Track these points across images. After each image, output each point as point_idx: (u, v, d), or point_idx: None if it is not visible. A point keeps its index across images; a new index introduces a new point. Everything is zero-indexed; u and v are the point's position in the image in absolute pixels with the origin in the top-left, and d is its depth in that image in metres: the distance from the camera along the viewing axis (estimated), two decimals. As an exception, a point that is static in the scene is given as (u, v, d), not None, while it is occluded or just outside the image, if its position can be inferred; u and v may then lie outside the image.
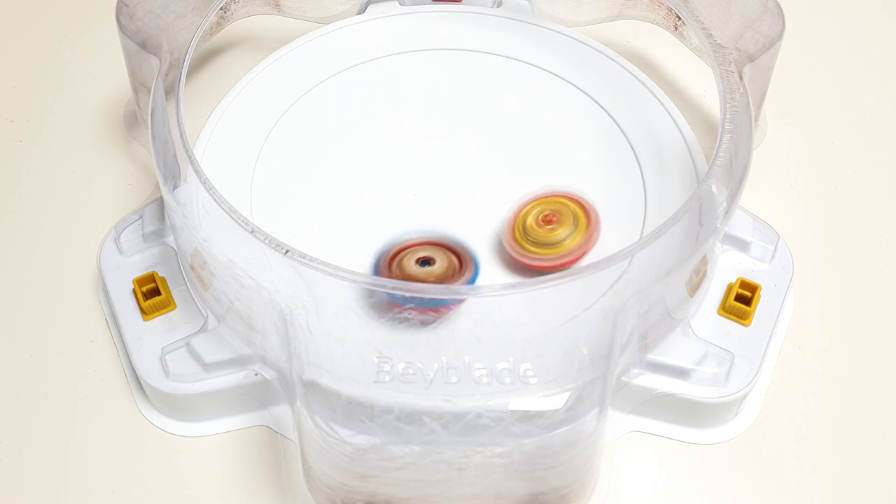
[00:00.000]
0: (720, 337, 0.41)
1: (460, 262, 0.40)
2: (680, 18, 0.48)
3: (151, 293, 0.41)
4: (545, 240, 0.41)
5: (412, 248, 0.41)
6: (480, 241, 0.43)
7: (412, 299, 0.36)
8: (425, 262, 0.40)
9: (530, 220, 0.41)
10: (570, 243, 0.41)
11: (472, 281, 0.40)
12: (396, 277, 0.39)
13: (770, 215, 0.44)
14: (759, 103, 0.45)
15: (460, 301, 0.37)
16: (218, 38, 0.50)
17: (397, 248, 0.41)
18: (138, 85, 0.45)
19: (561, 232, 0.41)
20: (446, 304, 0.38)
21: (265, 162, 0.45)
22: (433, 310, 0.37)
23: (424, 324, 0.37)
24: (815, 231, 0.46)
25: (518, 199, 0.42)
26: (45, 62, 0.53)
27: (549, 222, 0.41)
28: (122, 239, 0.43)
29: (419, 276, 0.40)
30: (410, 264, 0.40)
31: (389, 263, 0.40)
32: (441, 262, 0.40)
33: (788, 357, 0.43)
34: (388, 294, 0.35)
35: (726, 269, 0.42)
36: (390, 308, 0.36)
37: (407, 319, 0.36)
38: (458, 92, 0.48)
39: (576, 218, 0.42)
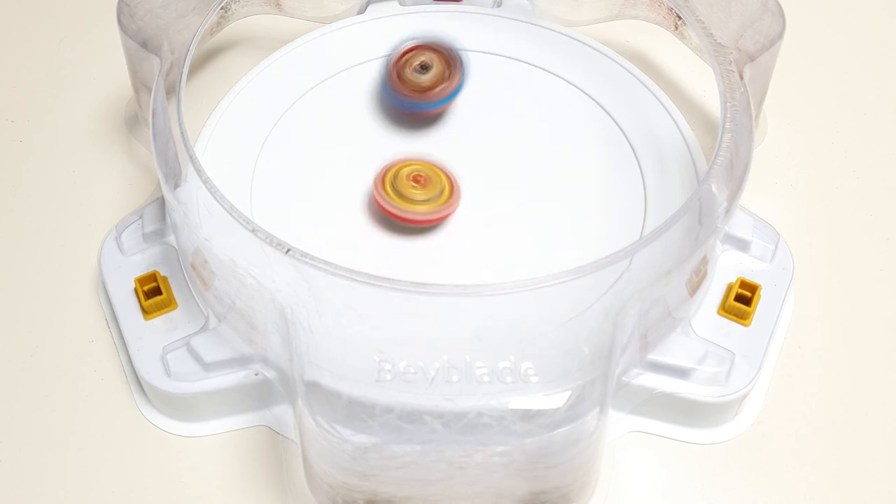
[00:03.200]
0: (720, 337, 0.41)
1: (452, 68, 0.46)
2: (680, 18, 0.48)
3: (152, 292, 0.41)
4: (408, 194, 0.43)
5: (415, 52, 0.46)
6: (480, 240, 0.43)
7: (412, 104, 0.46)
8: (424, 67, 0.46)
9: (402, 174, 0.43)
10: (427, 206, 0.43)
11: (460, 87, 0.46)
12: (403, 81, 0.46)
13: (770, 215, 0.44)
14: (759, 103, 0.45)
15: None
16: (218, 38, 0.50)
17: (402, 50, 0.46)
18: (139, 85, 0.45)
19: (422, 193, 0.43)
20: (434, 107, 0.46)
21: (265, 161, 0.45)
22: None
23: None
24: (815, 231, 0.46)
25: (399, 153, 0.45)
26: (45, 62, 0.53)
27: (418, 182, 0.43)
28: (122, 238, 0.43)
29: (418, 83, 0.46)
30: (409, 71, 0.46)
31: (395, 65, 0.46)
32: (437, 68, 0.46)
33: (788, 357, 0.43)
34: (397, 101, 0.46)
35: (726, 269, 0.42)
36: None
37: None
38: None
39: (442, 188, 0.43)
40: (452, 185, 0.43)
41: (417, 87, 0.46)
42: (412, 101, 0.46)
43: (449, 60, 0.46)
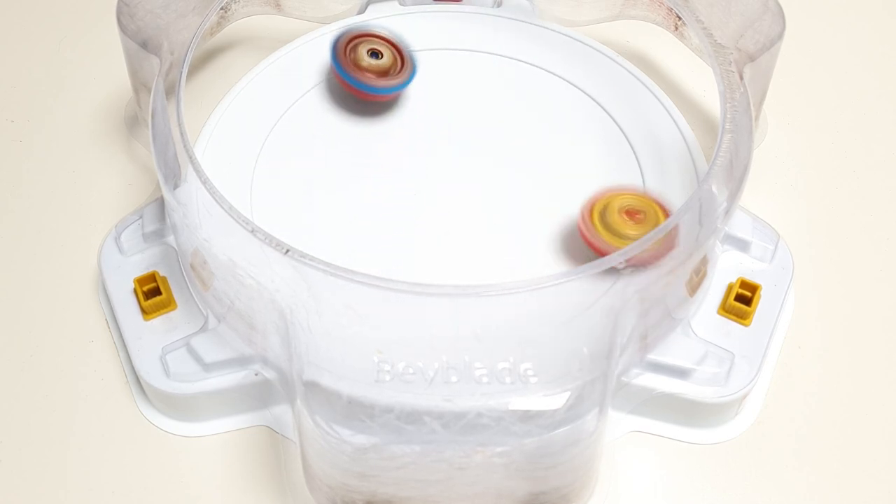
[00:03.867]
0: (720, 337, 0.41)
1: (402, 62, 0.47)
2: (680, 18, 0.48)
3: (152, 293, 0.41)
4: (621, 231, 0.41)
5: (366, 39, 0.47)
6: (480, 240, 0.43)
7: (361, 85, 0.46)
8: (374, 54, 0.46)
9: (613, 207, 0.41)
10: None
11: (410, 78, 0.47)
12: (350, 61, 0.46)
13: (770, 215, 0.44)
14: (759, 103, 0.45)
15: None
16: (218, 38, 0.50)
17: (354, 34, 0.47)
18: (139, 85, 0.45)
19: (638, 230, 0.40)
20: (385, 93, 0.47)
21: (265, 162, 0.45)
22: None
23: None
24: (815, 231, 0.46)
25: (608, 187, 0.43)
26: (45, 62, 0.53)
27: (633, 216, 0.41)
28: (122, 239, 0.43)
29: (367, 66, 0.46)
30: (362, 54, 0.46)
31: (345, 47, 0.47)
32: (387, 58, 0.47)
33: (788, 357, 0.43)
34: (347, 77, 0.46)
35: (726, 269, 0.42)
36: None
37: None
38: (458, 92, 0.48)
39: (657, 223, 0.41)
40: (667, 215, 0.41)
41: (368, 70, 0.46)
42: (360, 80, 0.46)
43: (398, 51, 0.47)
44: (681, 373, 0.39)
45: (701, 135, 0.47)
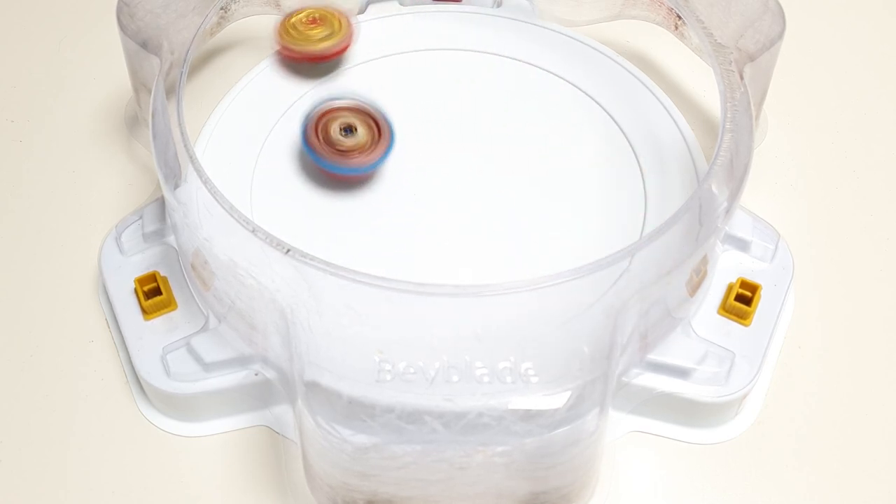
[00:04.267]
0: (720, 336, 0.41)
1: (379, 133, 0.44)
2: (680, 18, 0.48)
3: (152, 293, 0.41)
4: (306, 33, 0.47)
5: (336, 114, 0.44)
6: (480, 240, 0.43)
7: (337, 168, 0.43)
8: (348, 129, 0.44)
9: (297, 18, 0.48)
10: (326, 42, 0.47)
11: (387, 152, 0.44)
12: (322, 142, 0.44)
13: (770, 215, 0.44)
14: (759, 103, 0.45)
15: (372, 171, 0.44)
16: (218, 38, 0.50)
17: (322, 111, 0.44)
18: (139, 85, 0.45)
19: (320, 31, 0.47)
20: (361, 172, 0.44)
21: (265, 161, 0.45)
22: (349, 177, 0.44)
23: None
24: (815, 231, 0.46)
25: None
26: (45, 62, 0.53)
27: (314, 22, 0.47)
28: (122, 239, 0.43)
29: (341, 144, 0.43)
30: (334, 131, 0.44)
31: (315, 125, 0.44)
32: (362, 133, 0.44)
33: (788, 357, 0.43)
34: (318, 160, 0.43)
35: (726, 269, 0.42)
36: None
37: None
38: (458, 92, 0.48)
39: (335, 26, 0.47)
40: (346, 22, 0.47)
41: (341, 149, 0.43)
42: (333, 162, 0.43)
43: (376, 124, 0.44)
44: (681, 372, 0.39)
45: (701, 135, 0.47)
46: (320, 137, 0.44)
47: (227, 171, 0.44)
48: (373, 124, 0.44)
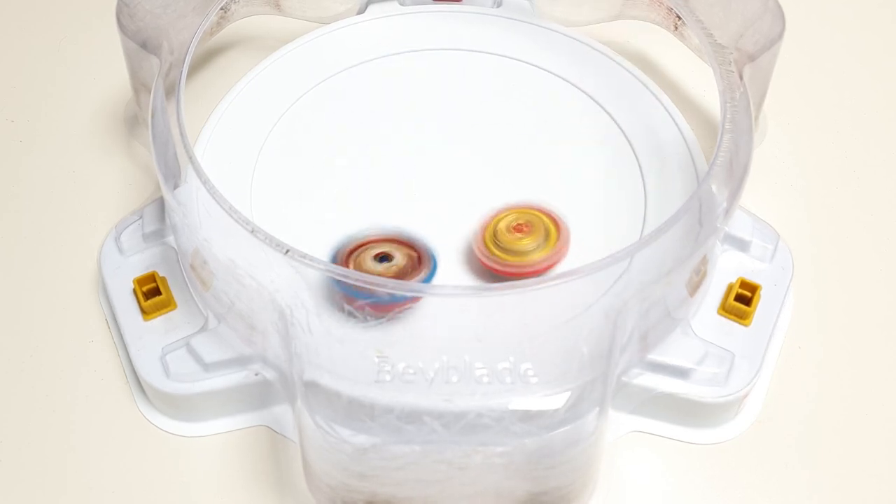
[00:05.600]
0: (720, 337, 0.41)
1: (419, 258, 0.41)
2: (680, 18, 0.48)
3: (152, 293, 0.41)
4: (512, 247, 0.41)
5: (370, 245, 0.41)
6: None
7: (368, 295, 0.36)
8: (384, 258, 0.40)
9: (502, 226, 0.42)
10: (537, 255, 0.41)
11: (429, 278, 0.40)
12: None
13: (770, 215, 0.44)
14: (759, 103, 0.45)
15: (416, 298, 0.37)
16: (218, 38, 0.50)
17: (355, 244, 0.41)
18: (139, 85, 0.45)
19: (529, 242, 0.41)
20: (401, 300, 0.37)
21: (265, 162, 0.45)
22: (387, 307, 0.37)
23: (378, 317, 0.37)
24: (815, 231, 0.46)
25: (492, 208, 0.43)
26: (45, 62, 0.53)
27: (520, 231, 0.41)
28: (122, 239, 0.43)
29: (377, 273, 0.40)
30: (368, 261, 0.40)
31: (347, 259, 0.40)
32: (399, 258, 0.40)
33: (788, 357, 0.43)
34: (342, 287, 0.36)
35: (726, 269, 0.42)
36: (346, 301, 0.37)
37: (362, 311, 0.36)
38: (458, 92, 0.48)
39: (547, 231, 0.42)
40: (558, 227, 0.42)
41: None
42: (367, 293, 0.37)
43: (416, 252, 0.41)
44: (681, 373, 0.39)
45: (701, 135, 0.47)
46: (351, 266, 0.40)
47: (227, 172, 0.44)
48: (412, 252, 0.41)
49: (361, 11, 0.51)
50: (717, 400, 0.39)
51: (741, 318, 0.41)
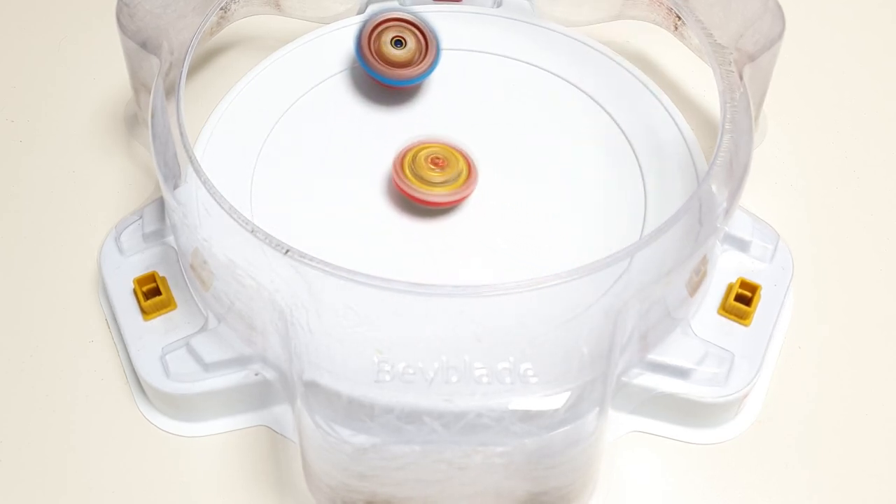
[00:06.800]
0: (720, 337, 0.41)
1: (426, 45, 0.47)
2: (680, 18, 0.48)
3: (152, 293, 0.41)
4: (425, 176, 0.43)
5: (388, 26, 0.47)
6: (480, 240, 0.43)
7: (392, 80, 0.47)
8: (398, 42, 0.47)
9: (421, 156, 0.44)
10: (444, 189, 0.43)
11: (433, 66, 0.47)
12: (374, 52, 0.47)
13: (770, 215, 0.44)
14: (759, 103, 0.45)
15: None
16: (218, 38, 0.50)
17: (375, 22, 0.47)
18: (139, 85, 0.45)
19: (438, 176, 0.43)
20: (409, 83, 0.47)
21: (265, 162, 0.45)
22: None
23: None
24: (815, 231, 0.46)
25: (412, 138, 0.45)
26: (45, 62, 0.53)
27: (436, 164, 0.44)
28: (122, 239, 0.43)
29: (392, 56, 0.47)
30: (386, 45, 0.46)
31: (369, 40, 0.47)
32: (412, 44, 0.47)
33: (788, 357, 0.43)
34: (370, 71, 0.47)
35: (726, 269, 0.42)
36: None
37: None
38: (458, 92, 0.48)
39: (459, 171, 0.44)
40: (470, 167, 0.44)
41: (390, 62, 0.47)
42: (382, 73, 0.47)
43: (424, 37, 0.47)
44: (681, 373, 0.39)
45: (701, 135, 0.47)
46: (372, 49, 0.46)
47: (227, 171, 0.44)
48: (421, 38, 0.47)
49: (361, 11, 0.51)
50: (717, 400, 0.39)
51: (741, 318, 0.41)
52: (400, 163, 0.44)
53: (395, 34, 0.47)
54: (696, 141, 0.46)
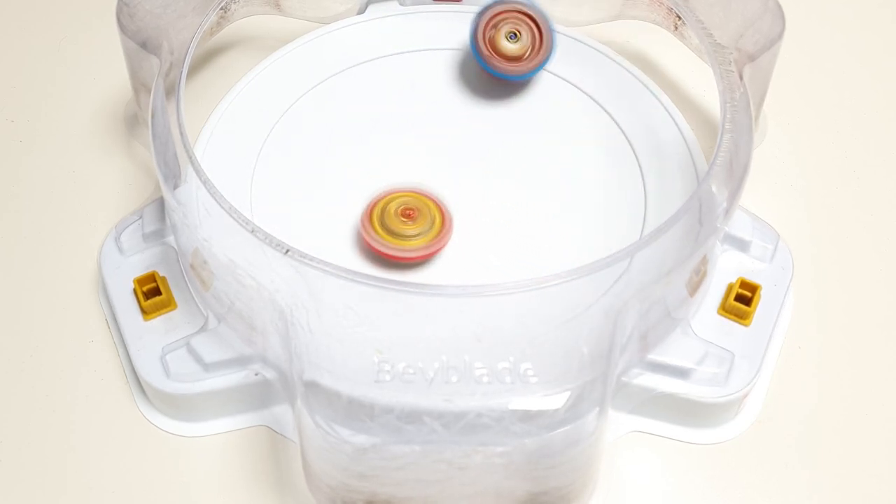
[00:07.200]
0: (720, 337, 0.41)
1: (541, 36, 0.46)
2: (680, 18, 0.48)
3: (152, 293, 0.41)
4: (399, 231, 0.42)
5: (503, 18, 0.46)
6: (480, 240, 0.43)
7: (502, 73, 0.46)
8: (513, 35, 0.46)
9: (391, 209, 0.42)
10: (420, 241, 0.42)
11: (546, 61, 0.47)
12: (489, 44, 0.46)
13: (770, 215, 0.44)
14: (759, 103, 0.45)
15: None
16: (218, 38, 0.50)
17: (492, 14, 0.46)
18: (139, 85, 0.45)
19: (413, 229, 0.42)
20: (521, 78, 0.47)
21: (265, 162, 0.45)
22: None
23: None
24: (815, 231, 0.46)
25: (380, 188, 0.44)
26: (45, 62, 0.53)
27: (408, 216, 0.42)
28: (122, 239, 0.43)
29: (506, 50, 0.46)
30: (501, 39, 0.46)
31: (484, 33, 0.46)
32: (525, 37, 0.46)
33: (788, 357, 0.43)
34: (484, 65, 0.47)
35: (726, 269, 0.42)
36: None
37: None
38: (458, 92, 0.48)
39: (433, 220, 0.42)
40: (443, 215, 0.43)
41: (503, 55, 0.46)
42: (494, 67, 0.47)
43: (539, 31, 0.46)
44: (681, 373, 0.39)
45: (701, 135, 0.47)
46: (487, 42, 0.46)
47: (227, 171, 0.44)
48: (536, 31, 0.46)
49: (361, 11, 0.51)
50: (717, 400, 0.39)
51: (741, 318, 0.41)
52: (369, 217, 0.42)
53: (511, 27, 0.46)
54: (696, 141, 0.46)
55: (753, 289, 0.41)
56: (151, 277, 0.41)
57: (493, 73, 0.47)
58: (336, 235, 0.43)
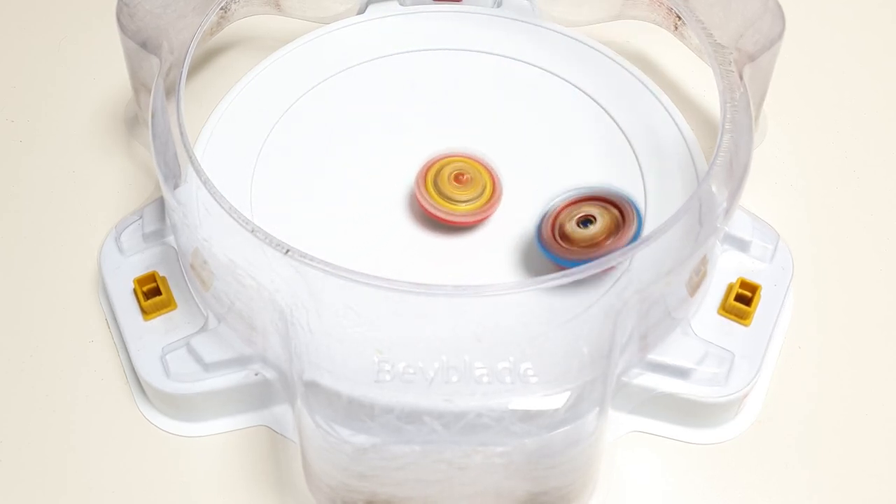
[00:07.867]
0: (720, 337, 0.41)
1: (622, 216, 0.40)
2: (680, 18, 0.48)
3: (152, 293, 0.41)
4: (450, 194, 0.43)
5: (569, 208, 0.41)
6: (479, 240, 0.43)
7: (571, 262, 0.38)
8: (586, 221, 0.40)
9: (444, 173, 0.43)
10: (468, 207, 0.43)
11: (636, 236, 0.39)
12: (561, 241, 0.40)
13: (770, 215, 0.44)
14: (759, 103, 0.45)
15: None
16: (218, 38, 0.50)
17: (555, 210, 0.41)
18: (139, 85, 0.45)
19: (466, 194, 0.43)
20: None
21: (265, 162, 0.45)
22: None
23: None
24: (815, 231, 0.46)
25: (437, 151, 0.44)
26: (45, 62, 0.53)
27: (459, 181, 0.43)
28: (122, 239, 0.43)
29: (582, 239, 0.40)
30: (572, 226, 0.40)
31: (552, 226, 0.41)
32: (601, 220, 0.40)
33: (788, 357, 0.43)
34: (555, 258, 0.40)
35: (726, 269, 0.42)
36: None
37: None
38: (458, 92, 0.48)
39: (483, 187, 0.43)
40: (494, 183, 0.43)
41: (580, 242, 0.40)
42: (573, 258, 0.39)
43: (620, 211, 0.40)
44: (681, 373, 0.39)
45: (701, 135, 0.47)
46: (556, 233, 0.40)
47: (227, 171, 0.44)
48: (615, 210, 0.40)
49: (361, 11, 0.51)
50: (717, 400, 0.39)
51: (741, 318, 0.41)
52: (423, 179, 0.43)
53: (580, 214, 0.40)
54: (696, 141, 0.46)
55: (753, 289, 0.41)
56: (151, 277, 0.41)
57: (567, 263, 0.39)
58: (336, 235, 0.43)
